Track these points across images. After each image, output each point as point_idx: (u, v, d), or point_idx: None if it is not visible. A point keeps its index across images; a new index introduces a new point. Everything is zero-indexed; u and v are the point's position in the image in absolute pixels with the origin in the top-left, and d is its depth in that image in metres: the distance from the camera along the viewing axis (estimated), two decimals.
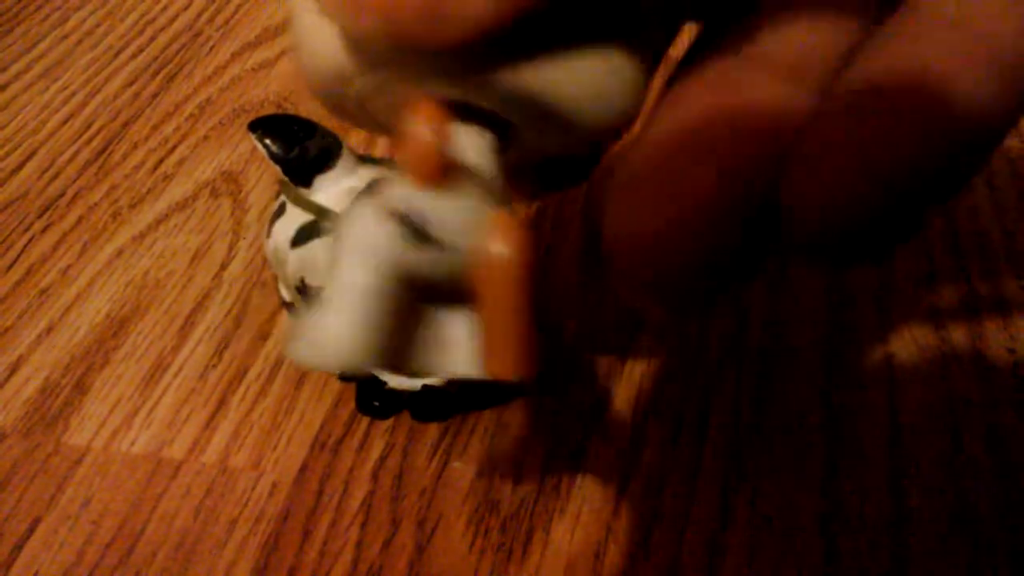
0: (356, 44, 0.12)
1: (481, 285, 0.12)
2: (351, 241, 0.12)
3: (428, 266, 0.12)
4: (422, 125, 0.12)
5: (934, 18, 0.09)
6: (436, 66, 0.12)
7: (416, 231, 0.12)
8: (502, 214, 0.12)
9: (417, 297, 0.13)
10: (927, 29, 0.09)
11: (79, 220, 0.38)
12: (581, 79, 0.12)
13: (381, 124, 0.14)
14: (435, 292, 0.13)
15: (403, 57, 0.12)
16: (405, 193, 0.12)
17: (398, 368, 0.13)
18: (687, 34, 0.14)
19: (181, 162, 0.40)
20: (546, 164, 0.15)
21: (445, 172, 0.12)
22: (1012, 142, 0.38)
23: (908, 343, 0.30)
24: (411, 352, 0.13)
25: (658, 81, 0.14)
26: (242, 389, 0.31)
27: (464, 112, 0.13)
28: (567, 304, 0.32)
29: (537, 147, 0.14)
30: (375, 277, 0.12)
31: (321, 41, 0.12)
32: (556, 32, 0.12)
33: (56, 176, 0.40)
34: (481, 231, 0.12)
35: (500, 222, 0.12)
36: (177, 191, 0.39)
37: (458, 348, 0.13)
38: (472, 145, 0.13)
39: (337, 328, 0.12)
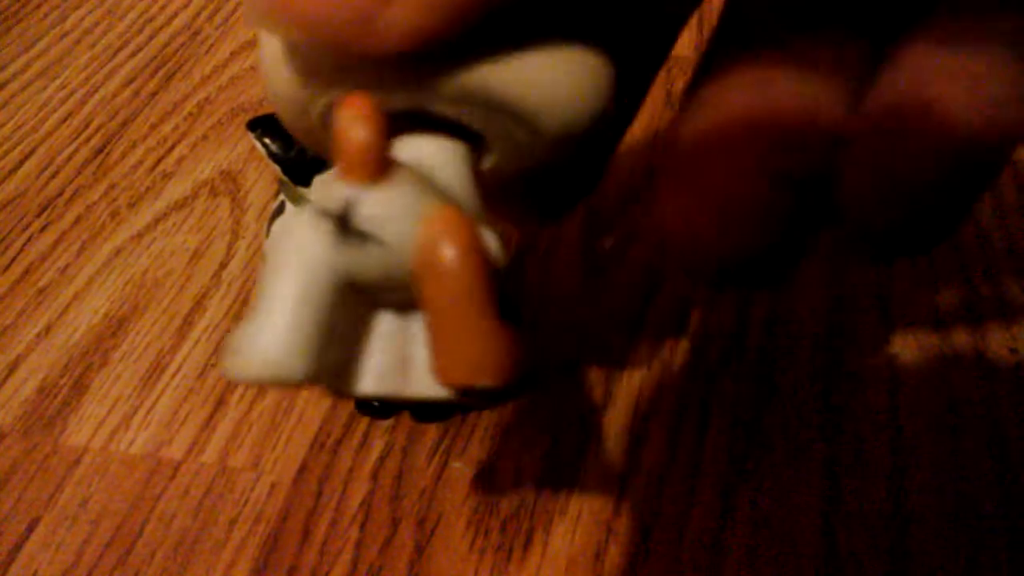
0: (306, 66, 0.12)
1: (427, 285, 0.11)
2: (282, 243, 0.11)
3: (369, 267, 0.11)
4: (351, 119, 0.11)
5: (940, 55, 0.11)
6: (385, 75, 0.11)
7: (351, 229, 0.11)
8: (446, 208, 0.12)
9: (366, 305, 0.12)
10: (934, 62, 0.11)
11: (77, 219, 0.38)
12: (539, 79, 0.12)
13: (317, 144, 0.14)
14: (386, 299, 0.12)
15: (350, 72, 0.11)
16: (339, 191, 0.11)
17: (346, 385, 0.12)
18: (686, 34, 0.14)
19: (180, 161, 0.40)
20: (540, 184, 0.15)
21: (380, 167, 0.11)
22: None
23: (909, 343, 0.30)
24: (364, 369, 0.12)
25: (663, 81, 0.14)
26: (241, 389, 0.31)
27: (427, 123, 0.13)
28: (566, 304, 0.32)
29: (511, 157, 0.13)
30: (307, 280, 0.11)
31: (279, 69, 0.12)
32: (506, 33, 0.11)
33: (55, 175, 0.40)
34: (423, 226, 0.11)
35: (444, 216, 0.11)
36: (176, 190, 0.39)
37: (418, 367, 0.12)
38: (437, 155, 0.13)
39: (269, 337, 0.11)
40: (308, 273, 0.11)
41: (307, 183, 0.27)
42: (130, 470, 0.29)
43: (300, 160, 0.26)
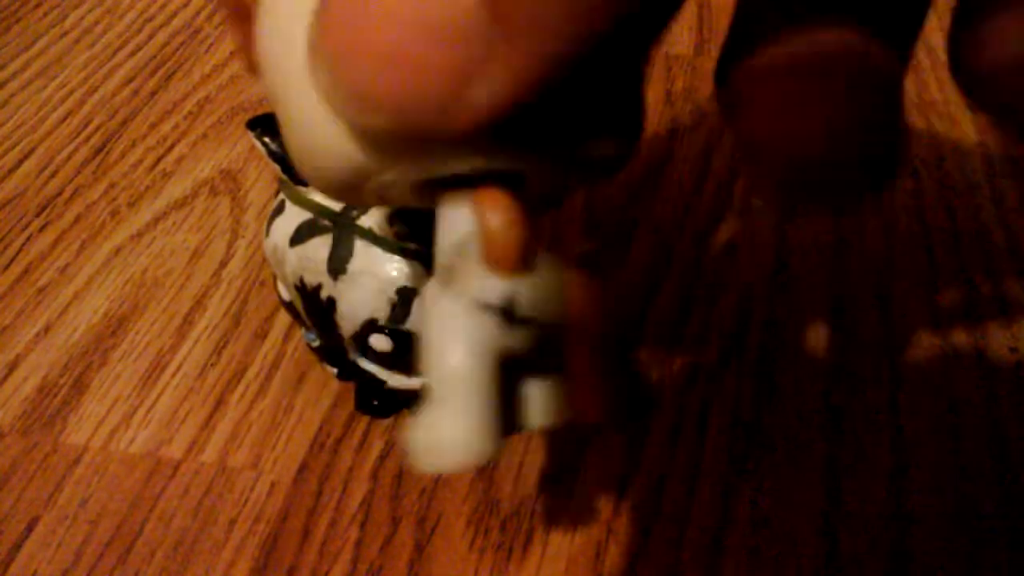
0: (373, 144, 0.12)
1: (567, 342, 0.13)
2: (453, 339, 0.12)
3: (524, 344, 0.13)
4: (500, 219, 0.12)
5: None
6: (455, 148, 0.12)
7: (514, 319, 0.12)
8: (577, 275, 0.13)
9: (510, 368, 0.13)
10: None
11: (77, 218, 0.38)
12: (594, 122, 0.12)
13: (396, 201, 0.14)
14: (524, 360, 0.13)
15: (422, 148, 0.12)
16: (494, 284, 0.12)
17: (504, 441, 0.13)
18: (687, 34, 0.14)
19: (180, 160, 0.40)
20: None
21: (530, 260, 0.12)
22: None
23: (909, 342, 0.30)
24: (509, 420, 0.13)
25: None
26: (241, 388, 0.31)
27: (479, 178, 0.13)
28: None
29: (544, 186, 0.14)
30: (481, 368, 0.12)
31: (331, 143, 0.12)
32: (569, 92, 0.12)
33: (54, 174, 0.40)
34: (563, 298, 0.13)
35: (577, 283, 0.13)
36: (176, 189, 0.39)
37: (533, 401, 0.14)
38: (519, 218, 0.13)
39: (462, 429, 0.12)
40: (480, 362, 0.12)
41: (306, 182, 0.26)
42: (130, 469, 0.29)
43: None
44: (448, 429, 0.12)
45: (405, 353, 0.26)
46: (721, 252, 0.34)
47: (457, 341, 0.12)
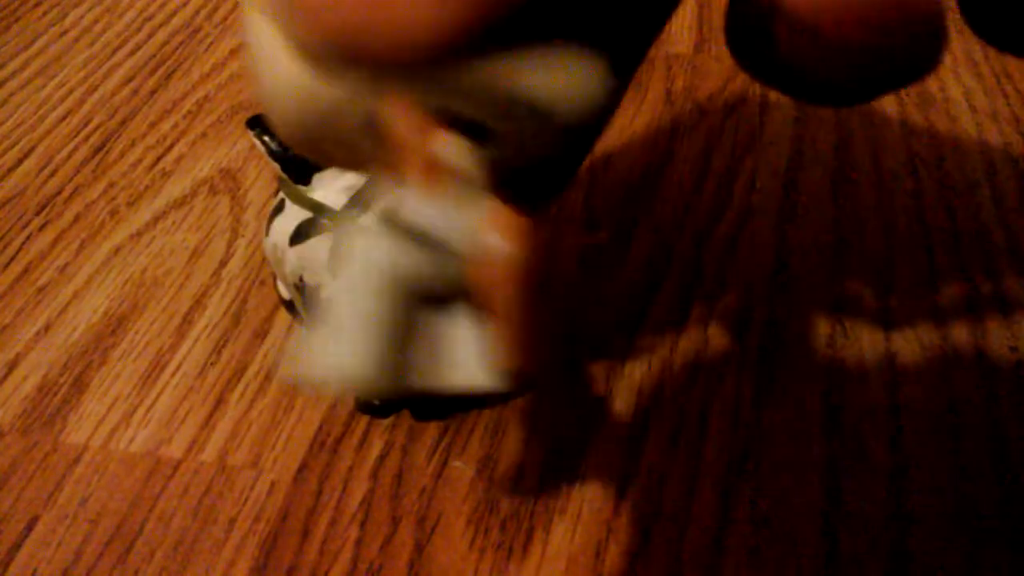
0: (330, 73, 0.12)
1: (485, 282, 0.12)
2: (354, 256, 0.12)
3: (432, 272, 0.12)
4: (409, 130, 0.12)
5: None
6: (419, 81, 0.12)
7: (418, 239, 0.12)
8: (499, 208, 0.12)
9: (417, 307, 0.13)
10: None
11: (77, 218, 0.38)
12: (556, 76, 0.12)
13: (350, 152, 0.14)
14: (435, 299, 0.13)
15: (386, 80, 0.12)
16: (400, 202, 0.12)
17: (404, 387, 0.12)
18: (686, 34, 0.14)
19: (179, 159, 0.40)
20: (528, 174, 0.15)
21: (439, 176, 0.12)
22: (1014, 139, 0.38)
23: (910, 342, 0.30)
24: (415, 368, 0.13)
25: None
26: (240, 387, 0.31)
27: (440, 118, 0.13)
28: (566, 304, 0.32)
29: (514, 147, 0.14)
30: (384, 293, 0.12)
31: (282, 64, 0.12)
32: (525, 38, 0.12)
33: (54, 173, 0.40)
34: (481, 228, 0.12)
35: (498, 216, 0.12)
36: (175, 188, 0.39)
37: (462, 358, 0.13)
38: (454, 149, 0.13)
39: (345, 349, 0.11)
40: (383, 284, 0.12)
41: (306, 181, 0.26)
42: (130, 469, 0.29)
43: (299, 158, 0.26)
44: (332, 348, 0.11)
45: None
46: (721, 252, 0.34)
47: (361, 264, 0.12)
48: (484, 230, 0.12)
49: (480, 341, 0.13)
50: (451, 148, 0.13)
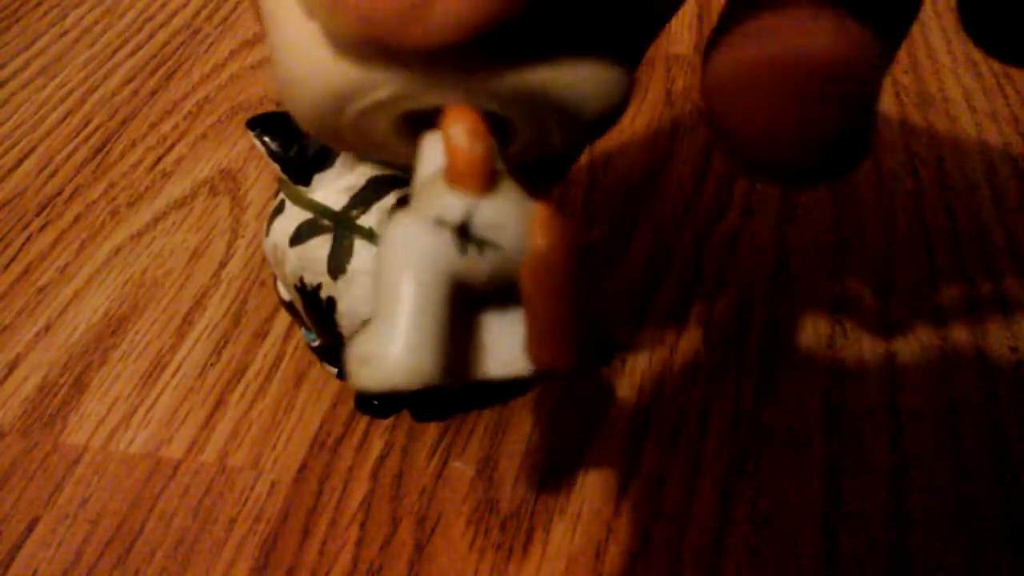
0: (352, 60, 0.12)
1: (529, 279, 0.12)
2: (405, 255, 0.12)
3: (482, 270, 0.12)
4: (462, 132, 0.12)
5: None
6: (435, 73, 0.12)
7: (470, 239, 0.12)
8: (543, 207, 0.12)
9: (465, 302, 0.13)
10: None
11: (77, 218, 0.38)
12: (579, 74, 0.12)
13: (376, 145, 0.14)
14: (481, 295, 0.13)
15: (401, 67, 0.12)
16: (453, 202, 0.12)
17: (454, 379, 0.13)
18: (686, 34, 0.14)
19: (179, 160, 0.40)
20: (536, 163, 0.16)
21: (494, 178, 0.12)
22: (1014, 139, 0.38)
23: (909, 342, 0.30)
24: (460, 360, 0.13)
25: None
26: (241, 388, 0.31)
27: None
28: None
29: (535, 145, 0.14)
30: (430, 288, 0.12)
31: (312, 61, 0.12)
32: (546, 34, 0.12)
33: (54, 174, 0.40)
34: (527, 227, 0.12)
35: (543, 215, 0.12)
36: (175, 189, 0.39)
37: (500, 349, 0.13)
38: (496, 148, 0.13)
39: (401, 345, 0.12)
40: (430, 281, 0.12)
41: (307, 182, 0.26)
42: (130, 469, 0.29)
43: (300, 159, 0.26)
44: (389, 344, 0.12)
45: None
46: (721, 252, 0.34)
47: (410, 258, 0.12)
48: (533, 229, 0.12)
49: (520, 333, 0.13)
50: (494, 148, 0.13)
